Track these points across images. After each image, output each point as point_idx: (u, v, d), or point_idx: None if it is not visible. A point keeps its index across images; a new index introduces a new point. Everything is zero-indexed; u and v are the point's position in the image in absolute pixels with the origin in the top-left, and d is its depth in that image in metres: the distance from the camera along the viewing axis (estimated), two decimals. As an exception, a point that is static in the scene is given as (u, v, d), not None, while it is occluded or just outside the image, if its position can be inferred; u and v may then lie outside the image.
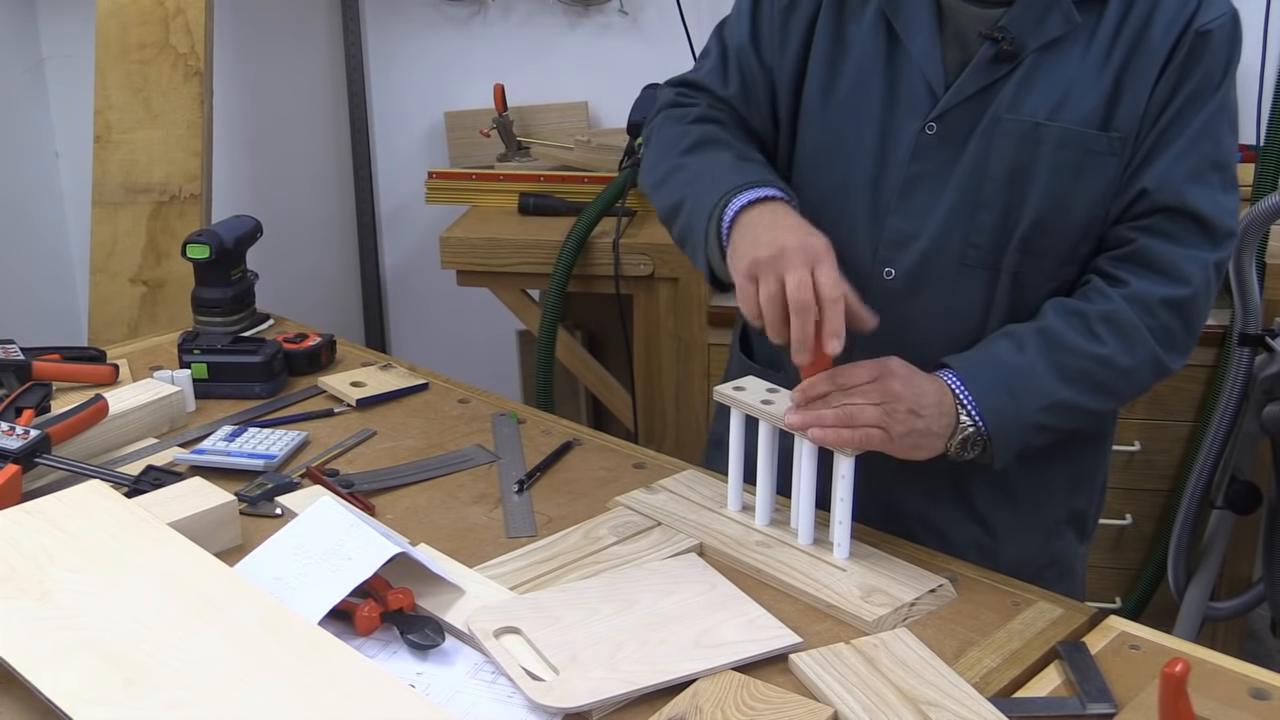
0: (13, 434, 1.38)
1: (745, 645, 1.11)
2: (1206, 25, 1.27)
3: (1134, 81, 1.28)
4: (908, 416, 1.22)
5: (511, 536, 1.34)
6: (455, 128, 3.08)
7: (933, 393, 1.25)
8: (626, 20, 3.00)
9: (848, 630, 1.16)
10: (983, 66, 1.30)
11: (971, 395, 1.26)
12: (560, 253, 2.50)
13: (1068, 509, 1.47)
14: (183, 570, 1.13)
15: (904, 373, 1.25)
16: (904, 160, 1.34)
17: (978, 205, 1.32)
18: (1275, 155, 2.22)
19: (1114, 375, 1.29)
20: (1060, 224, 1.31)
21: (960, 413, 1.25)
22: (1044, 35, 1.28)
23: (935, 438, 1.25)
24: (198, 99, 2.69)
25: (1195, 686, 0.94)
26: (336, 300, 3.36)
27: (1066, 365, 1.27)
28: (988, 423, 1.25)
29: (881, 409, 1.22)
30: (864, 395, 1.23)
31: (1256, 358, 2.16)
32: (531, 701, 1.04)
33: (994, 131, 1.30)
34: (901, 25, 1.34)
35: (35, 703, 0.99)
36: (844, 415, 1.22)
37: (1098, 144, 1.29)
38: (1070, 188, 1.30)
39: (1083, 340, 1.28)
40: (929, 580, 1.23)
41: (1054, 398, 1.27)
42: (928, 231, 1.34)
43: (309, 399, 1.69)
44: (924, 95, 1.33)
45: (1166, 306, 1.28)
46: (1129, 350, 1.28)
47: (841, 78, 1.37)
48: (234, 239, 1.84)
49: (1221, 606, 2.36)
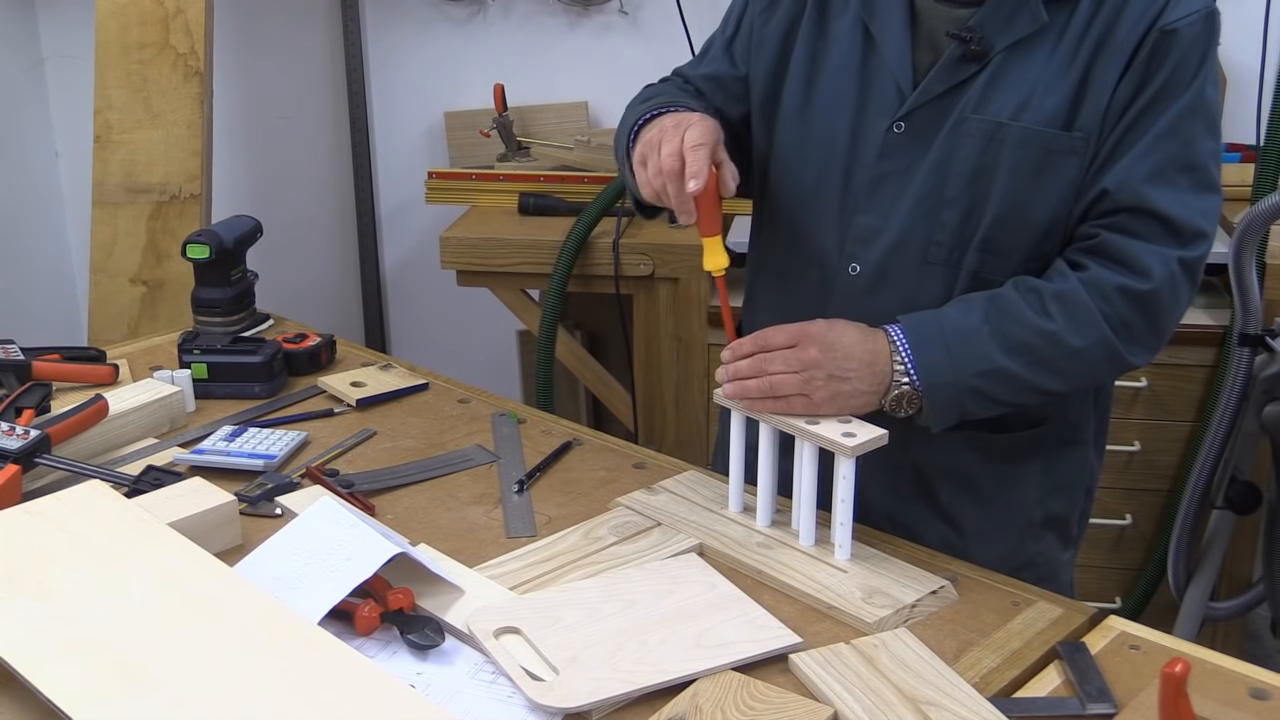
0: (13, 434, 1.38)
1: (745, 645, 1.11)
2: (1173, 24, 1.25)
3: (1097, 81, 1.28)
4: (828, 381, 1.26)
5: (511, 536, 1.34)
6: (455, 128, 3.08)
7: (861, 354, 1.27)
8: (626, 20, 3.00)
9: (848, 630, 1.16)
10: (950, 66, 1.31)
11: (910, 348, 1.28)
12: (560, 253, 2.50)
13: (1044, 511, 1.47)
14: (183, 570, 1.13)
15: (824, 336, 1.27)
16: (873, 158, 1.36)
17: (941, 204, 1.33)
18: (1275, 155, 2.22)
19: (1060, 353, 1.28)
20: (1021, 223, 1.32)
21: (894, 366, 1.27)
22: (1012, 35, 1.29)
23: (865, 395, 1.27)
24: (198, 99, 2.69)
25: (1195, 686, 0.94)
26: (336, 300, 3.36)
27: (1011, 335, 1.27)
28: (921, 378, 1.27)
29: (800, 377, 1.26)
30: (784, 362, 1.27)
31: (1256, 358, 2.16)
32: (531, 701, 1.04)
33: (959, 131, 1.32)
34: (876, 27, 1.36)
35: (35, 703, 0.99)
36: (765, 386, 1.27)
37: (1059, 143, 1.29)
38: (1030, 187, 1.30)
39: (1031, 313, 1.28)
40: (930, 582, 1.23)
41: (993, 363, 1.27)
42: (892, 228, 1.36)
43: (309, 399, 1.69)
44: (894, 95, 1.35)
45: (1123, 295, 1.27)
46: (1077, 330, 1.27)
47: (820, 80, 1.40)
48: (234, 239, 1.84)
49: (1221, 606, 2.36)
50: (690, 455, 1.45)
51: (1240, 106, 2.59)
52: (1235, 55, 2.59)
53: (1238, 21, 2.56)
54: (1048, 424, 1.42)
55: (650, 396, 2.59)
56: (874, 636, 1.14)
